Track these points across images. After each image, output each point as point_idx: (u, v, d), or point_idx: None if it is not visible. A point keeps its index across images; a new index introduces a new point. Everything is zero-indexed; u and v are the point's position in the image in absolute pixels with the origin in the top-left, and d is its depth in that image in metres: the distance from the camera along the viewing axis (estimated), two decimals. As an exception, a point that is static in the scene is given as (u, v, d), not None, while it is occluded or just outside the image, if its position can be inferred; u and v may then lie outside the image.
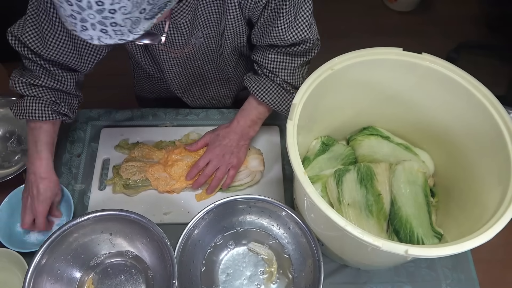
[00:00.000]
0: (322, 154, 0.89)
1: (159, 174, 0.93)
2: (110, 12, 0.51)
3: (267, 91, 0.89)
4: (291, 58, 0.87)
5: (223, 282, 0.83)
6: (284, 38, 0.81)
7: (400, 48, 0.77)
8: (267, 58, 0.87)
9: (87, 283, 0.82)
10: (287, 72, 0.88)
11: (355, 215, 0.78)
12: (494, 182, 0.69)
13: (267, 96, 0.89)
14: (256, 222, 0.87)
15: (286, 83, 0.89)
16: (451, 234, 0.77)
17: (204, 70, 0.99)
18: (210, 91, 1.09)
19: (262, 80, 0.89)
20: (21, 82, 0.82)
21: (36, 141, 0.84)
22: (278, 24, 0.79)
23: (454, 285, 0.86)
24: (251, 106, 0.93)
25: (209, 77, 1.03)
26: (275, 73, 0.88)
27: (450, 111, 0.80)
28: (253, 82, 0.90)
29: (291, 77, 0.88)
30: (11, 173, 0.92)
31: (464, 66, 0.75)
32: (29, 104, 0.82)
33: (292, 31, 0.80)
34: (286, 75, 0.88)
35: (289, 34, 0.80)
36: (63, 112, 0.86)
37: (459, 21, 2.44)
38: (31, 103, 0.82)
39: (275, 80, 0.89)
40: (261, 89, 0.89)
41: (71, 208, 0.88)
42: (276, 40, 0.82)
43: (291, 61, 0.87)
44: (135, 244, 0.84)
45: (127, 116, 1.07)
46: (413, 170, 0.83)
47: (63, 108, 0.86)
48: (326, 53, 0.89)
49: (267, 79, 0.89)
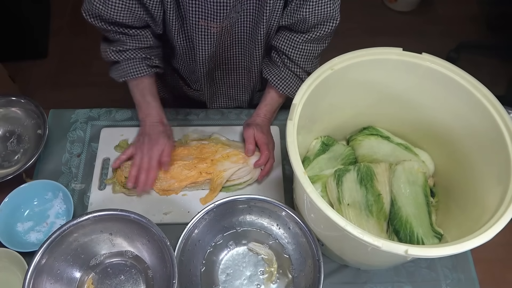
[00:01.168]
0: (322, 154, 0.89)
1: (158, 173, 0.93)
2: None
3: (287, 83, 0.96)
4: (312, 45, 0.92)
5: (223, 282, 0.83)
6: (317, 12, 0.85)
7: (400, 48, 0.77)
8: (291, 46, 0.92)
9: (87, 283, 0.82)
10: (307, 61, 0.94)
11: (355, 215, 0.78)
12: (494, 182, 0.69)
13: (287, 88, 0.96)
14: (256, 222, 0.87)
15: (305, 72, 0.96)
16: (451, 234, 0.77)
17: (231, 53, 0.99)
18: (230, 78, 1.09)
19: (282, 71, 0.95)
20: (111, 51, 0.92)
21: (144, 95, 0.95)
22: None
23: (454, 285, 0.86)
24: (273, 100, 1.00)
25: (233, 63, 1.03)
26: (294, 61, 0.93)
27: (450, 111, 0.80)
28: (274, 74, 0.97)
29: (310, 65, 0.95)
30: (11, 173, 0.92)
31: (464, 66, 0.75)
32: (126, 67, 0.92)
33: (326, 6, 0.85)
34: (305, 64, 0.94)
35: (323, 9, 0.85)
36: (155, 64, 0.95)
37: (459, 21, 2.44)
38: (127, 65, 0.92)
39: (294, 71, 0.95)
40: (282, 81, 0.96)
41: (71, 208, 0.88)
42: (309, 14, 0.86)
43: (312, 48, 0.93)
44: (135, 244, 0.84)
45: (127, 116, 1.07)
46: (413, 170, 0.83)
47: (154, 61, 0.95)
48: (326, 53, 0.89)
49: (286, 70, 0.95)
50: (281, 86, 0.96)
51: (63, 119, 1.06)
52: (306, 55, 0.93)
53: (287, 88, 0.96)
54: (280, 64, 0.95)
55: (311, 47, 0.92)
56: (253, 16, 0.88)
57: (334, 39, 0.95)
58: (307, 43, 0.91)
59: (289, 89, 0.96)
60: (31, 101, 1.00)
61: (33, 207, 0.92)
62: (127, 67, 0.92)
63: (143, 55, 0.93)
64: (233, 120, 1.07)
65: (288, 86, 0.96)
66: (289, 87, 0.96)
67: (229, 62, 1.02)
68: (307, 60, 0.94)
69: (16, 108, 1.03)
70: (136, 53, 0.92)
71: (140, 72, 0.92)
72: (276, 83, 0.96)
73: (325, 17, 0.86)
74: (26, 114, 1.03)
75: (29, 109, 1.01)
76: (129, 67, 0.92)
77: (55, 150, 1.01)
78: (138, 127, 1.03)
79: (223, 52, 0.98)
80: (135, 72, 0.92)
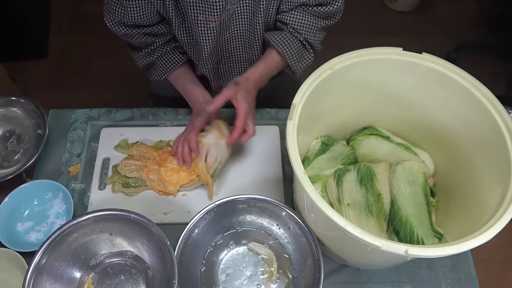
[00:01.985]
0: (322, 154, 0.89)
1: (153, 175, 0.93)
2: None
3: (288, 45, 0.92)
4: (316, 18, 0.91)
5: (223, 282, 0.83)
6: None
7: (400, 48, 0.77)
8: (293, 16, 0.90)
9: (87, 283, 0.82)
10: (310, 31, 0.92)
11: (355, 215, 0.78)
12: (494, 182, 0.69)
13: (288, 50, 0.92)
14: (256, 222, 0.87)
15: (307, 41, 0.93)
16: (451, 234, 0.77)
17: (232, 45, 0.99)
18: (234, 71, 1.08)
19: (285, 34, 0.92)
20: (144, 54, 0.95)
21: (185, 84, 0.98)
22: None
23: (454, 285, 0.86)
24: (274, 61, 0.94)
25: (235, 56, 1.02)
26: (298, 30, 0.92)
27: (450, 111, 0.80)
28: (275, 35, 0.92)
29: (312, 37, 0.93)
30: (11, 173, 0.92)
31: (464, 66, 0.75)
32: (161, 63, 0.96)
33: None
34: (308, 34, 0.92)
35: None
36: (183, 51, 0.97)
37: (459, 21, 2.44)
38: (162, 61, 0.96)
39: (297, 37, 0.92)
40: (283, 42, 0.92)
41: (71, 208, 0.88)
42: None
43: (316, 21, 0.92)
44: (135, 244, 0.84)
45: (127, 116, 1.07)
46: (413, 170, 0.83)
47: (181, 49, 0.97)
48: (326, 52, 0.89)
49: (289, 34, 0.92)
50: (282, 46, 0.91)
51: (63, 119, 1.06)
52: (309, 26, 0.91)
53: (288, 49, 0.91)
54: (285, 30, 0.93)
55: (314, 20, 0.91)
56: (250, 6, 0.88)
57: (334, 39, 0.95)
58: (309, 15, 0.90)
59: (290, 52, 0.92)
60: (31, 101, 1.00)
61: (33, 207, 0.92)
62: (163, 63, 0.96)
63: (172, 45, 0.95)
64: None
65: (289, 48, 0.91)
66: (290, 49, 0.92)
67: (231, 55, 1.02)
68: (310, 31, 0.92)
69: (16, 108, 1.03)
70: (166, 47, 0.95)
71: (177, 62, 0.96)
72: (277, 43, 0.91)
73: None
74: (26, 114, 1.03)
75: (29, 109, 1.01)
76: (165, 62, 0.95)
77: (55, 150, 1.01)
78: (138, 127, 1.03)
79: (224, 46, 0.98)
80: (173, 65, 0.95)
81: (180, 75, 0.99)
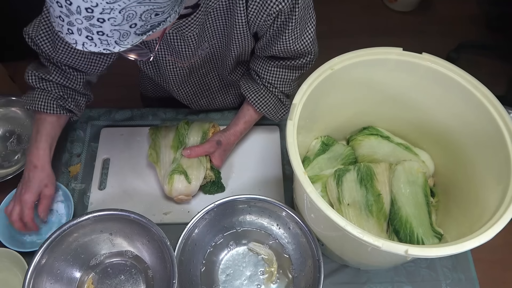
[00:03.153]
0: (322, 154, 0.89)
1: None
2: (98, 21, 0.50)
3: (265, 102, 0.92)
4: (290, 71, 0.90)
5: (223, 282, 0.83)
6: (289, 51, 0.83)
7: (400, 48, 0.77)
8: (267, 71, 0.89)
9: (87, 283, 0.82)
10: (284, 84, 0.91)
11: (355, 215, 0.78)
12: (494, 182, 0.69)
13: (265, 107, 0.92)
14: (256, 222, 0.87)
15: (282, 94, 0.93)
16: (451, 234, 0.77)
17: (208, 78, 1.00)
18: (217, 101, 1.09)
19: (261, 91, 0.92)
20: (33, 75, 0.86)
21: (38, 132, 0.86)
22: (285, 38, 0.80)
23: (454, 285, 0.86)
24: (251, 118, 0.96)
25: (214, 86, 1.04)
26: (273, 84, 0.91)
27: (450, 111, 0.80)
28: (252, 92, 0.92)
29: (288, 88, 0.93)
30: (11, 173, 0.92)
31: (464, 66, 0.75)
32: (37, 96, 0.85)
33: (297, 44, 0.82)
34: (283, 87, 0.92)
35: (294, 46, 0.82)
36: (68, 107, 0.88)
37: (459, 21, 2.44)
38: (39, 95, 0.85)
39: (272, 91, 0.92)
40: (260, 100, 0.92)
41: (71, 208, 0.88)
42: (281, 53, 0.84)
43: (290, 74, 0.90)
44: (135, 244, 0.84)
45: (127, 116, 1.07)
46: (413, 170, 0.83)
47: (69, 104, 0.88)
48: (326, 53, 0.89)
49: (265, 89, 0.92)
50: (259, 105, 0.92)
51: (63, 119, 1.06)
52: (283, 79, 0.90)
53: (265, 107, 0.92)
54: (259, 82, 0.92)
55: (288, 73, 0.90)
56: (222, 49, 0.87)
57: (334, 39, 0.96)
58: (283, 69, 0.89)
59: (267, 109, 0.93)
60: (31, 101, 1.00)
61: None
62: (37, 97, 0.85)
63: (60, 93, 0.86)
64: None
65: (266, 105, 0.92)
66: (267, 106, 0.92)
67: (209, 87, 1.03)
68: (285, 84, 0.91)
69: (16, 108, 1.03)
70: (55, 87, 0.86)
71: (46, 107, 0.84)
72: (254, 101, 0.92)
73: (298, 53, 0.84)
74: (26, 114, 1.03)
75: (29, 109, 1.01)
76: (39, 98, 0.85)
77: (55, 150, 1.01)
78: (138, 127, 1.03)
79: (200, 79, 0.99)
80: (41, 106, 0.84)
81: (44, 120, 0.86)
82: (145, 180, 0.96)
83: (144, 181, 0.96)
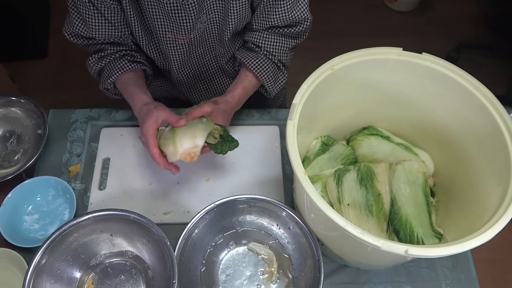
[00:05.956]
0: (322, 154, 0.89)
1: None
2: None
3: (264, 69, 0.93)
4: (288, 39, 0.94)
5: (223, 282, 0.83)
6: (286, 18, 0.87)
7: (400, 48, 0.77)
8: (266, 39, 0.92)
9: (87, 283, 0.82)
10: (282, 52, 0.94)
11: (355, 215, 0.78)
12: (494, 182, 0.69)
13: (264, 73, 0.93)
14: (256, 222, 0.87)
15: (280, 62, 0.96)
16: (451, 234, 0.77)
17: (206, 60, 1.00)
18: (214, 85, 1.09)
19: (260, 57, 0.93)
20: (94, 60, 0.92)
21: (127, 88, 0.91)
22: (282, 5, 0.85)
23: (454, 285, 0.86)
24: (250, 84, 0.94)
25: (212, 70, 1.04)
26: (272, 52, 0.93)
27: (450, 111, 0.80)
28: (251, 58, 0.93)
29: (285, 57, 0.96)
30: (11, 172, 0.92)
31: (464, 66, 0.75)
32: (108, 69, 0.91)
33: (294, 11, 0.86)
34: (281, 55, 0.95)
35: (291, 14, 0.86)
36: (138, 60, 0.93)
37: (459, 21, 2.44)
38: (109, 67, 0.91)
39: (271, 59, 0.94)
40: (259, 65, 0.93)
41: (74, 207, 0.88)
42: (279, 21, 0.88)
43: (287, 42, 0.94)
44: (135, 244, 0.84)
45: (127, 116, 1.07)
46: (413, 170, 0.83)
47: (136, 57, 0.93)
48: (326, 53, 0.89)
49: (264, 57, 0.94)
50: (259, 70, 0.92)
51: (63, 119, 1.06)
52: (281, 47, 0.93)
53: (264, 73, 0.93)
54: (259, 52, 0.94)
55: (285, 41, 0.93)
56: (219, 24, 0.90)
57: (334, 39, 0.96)
58: (281, 36, 0.93)
59: (266, 75, 0.93)
60: (31, 101, 1.00)
61: (36, 203, 0.92)
62: (109, 69, 0.90)
63: (123, 52, 0.92)
64: (233, 120, 1.07)
65: (265, 71, 0.93)
66: (267, 72, 0.93)
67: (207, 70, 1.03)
68: (282, 52, 0.94)
69: (16, 108, 1.03)
70: (115, 53, 0.91)
71: (121, 69, 0.90)
72: (253, 67, 0.92)
73: (295, 20, 0.88)
74: (26, 114, 1.03)
75: (29, 109, 1.01)
76: (111, 68, 0.90)
77: (55, 150, 1.01)
78: (138, 127, 1.03)
79: (198, 60, 0.99)
80: (117, 71, 0.89)
81: (125, 80, 0.92)
82: (145, 180, 0.96)
83: (144, 181, 0.96)
